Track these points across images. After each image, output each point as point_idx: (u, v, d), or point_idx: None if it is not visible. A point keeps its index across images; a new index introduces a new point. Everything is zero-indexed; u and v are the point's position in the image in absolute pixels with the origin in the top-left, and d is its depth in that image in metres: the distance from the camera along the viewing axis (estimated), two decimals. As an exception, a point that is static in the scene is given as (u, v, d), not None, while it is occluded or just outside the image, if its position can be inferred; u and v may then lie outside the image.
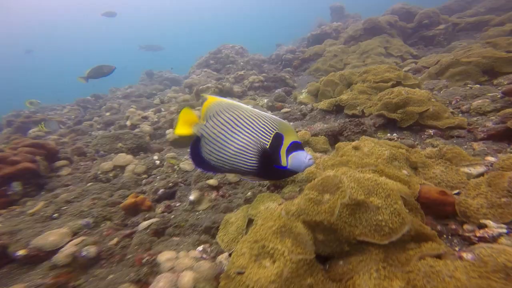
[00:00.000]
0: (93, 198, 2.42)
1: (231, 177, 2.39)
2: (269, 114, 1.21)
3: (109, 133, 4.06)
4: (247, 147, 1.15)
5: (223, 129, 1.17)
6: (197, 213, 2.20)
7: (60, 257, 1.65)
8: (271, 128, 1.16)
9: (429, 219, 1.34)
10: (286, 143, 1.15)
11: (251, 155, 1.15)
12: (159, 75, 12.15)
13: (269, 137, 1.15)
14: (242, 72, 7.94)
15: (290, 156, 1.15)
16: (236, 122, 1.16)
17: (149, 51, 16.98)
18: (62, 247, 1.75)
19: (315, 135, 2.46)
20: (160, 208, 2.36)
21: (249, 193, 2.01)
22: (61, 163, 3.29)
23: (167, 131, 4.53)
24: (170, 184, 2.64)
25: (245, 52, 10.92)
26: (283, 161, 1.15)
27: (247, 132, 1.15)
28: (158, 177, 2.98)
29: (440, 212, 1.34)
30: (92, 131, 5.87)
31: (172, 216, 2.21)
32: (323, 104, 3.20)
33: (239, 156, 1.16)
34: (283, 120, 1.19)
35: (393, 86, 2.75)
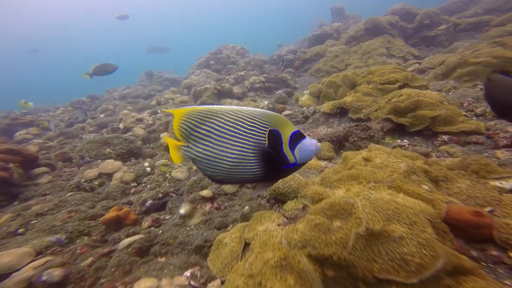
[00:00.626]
0: (69, 210, 2.18)
1: (227, 187, 2.16)
2: (253, 108, 1.06)
3: (96, 137, 3.83)
4: (244, 154, 1.01)
5: (208, 145, 1.03)
6: (188, 228, 1.96)
7: (10, 283, 1.39)
8: (262, 126, 1.02)
9: (459, 243, 1.11)
10: (286, 138, 1.03)
11: (252, 162, 1.02)
12: (159, 75, 11.94)
13: (264, 137, 1.02)
14: (242, 73, 7.75)
15: (296, 150, 1.04)
16: (220, 131, 1.02)
17: (156, 53, 16.92)
18: (18, 269, 1.49)
19: (319, 140, 2.24)
20: (147, 222, 2.12)
21: (246, 207, 1.77)
22: (40, 170, 3.05)
23: (162, 135, 4.31)
24: (160, 194, 2.41)
25: (246, 52, 10.75)
26: (291, 158, 1.04)
27: (237, 139, 1.02)
28: (148, 186, 2.75)
29: (474, 235, 1.11)
30: (83, 134, 5.63)
31: (160, 232, 1.97)
32: (326, 106, 2.99)
33: (238, 167, 1.03)
34: (270, 112, 1.05)
35: (400, 87, 2.54)
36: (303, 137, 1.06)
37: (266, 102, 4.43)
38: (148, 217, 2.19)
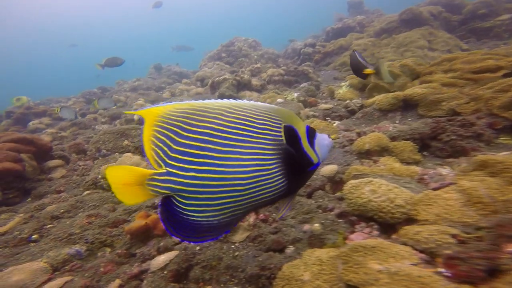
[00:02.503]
0: (89, 214, 1.80)
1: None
2: (254, 102, 0.82)
3: (113, 128, 3.46)
4: (263, 162, 0.75)
5: (205, 162, 0.71)
6: (232, 246, 1.55)
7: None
8: (275, 122, 0.79)
9: None
10: (302, 133, 0.84)
11: (274, 171, 0.76)
12: (168, 69, 11.80)
13: (280, 135, 0.79)
14: (258, 65, 7.32)
15: (316, 146, 0.86)
16: (223, 137, 0.73)
17: (181, 51, 17.43)
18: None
19: (392, 139, 1.79)
20: None
21: (316, 225, 1.35)
22: (54, 163, 2.70)
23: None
24: None
25: (259, 45, 10.48)
26: (314, 157, 0.85)
27: (250, 143, 0.74)
28: None
29: None
30: (95, 125, 5.31)
31: (198, 248, 1.57)
32: (383, 99, 2.52)
33: (257, 183, 0.74)
34: (276, 106, 0.84)
35: (505, 76, 2.05)
36: (315, 131, 0.88)
37: (295, 95, 3.98)
38: None
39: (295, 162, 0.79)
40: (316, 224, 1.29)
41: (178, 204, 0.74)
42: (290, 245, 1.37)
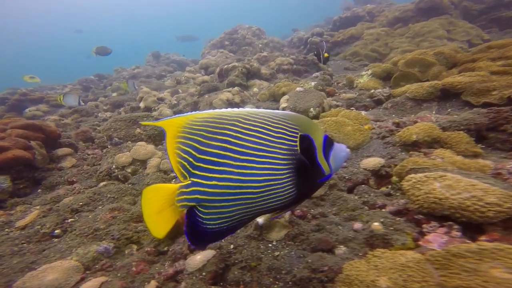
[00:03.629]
0: (112, 208, 1.64)
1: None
2: (271, 110, 0.81)
3: (124, 115, 3.26)
4: (276, 171, 0.76)
5: (225, 170, 0.72)
6: (270, 245, 1.42)
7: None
8: (291, 131, 0.79)
9: None
10: (319, 143, 0.83)
11: (285, 179, 0.77)
12: (166, 57, 11.49)
13: (295, 145, 0.78)
14: (265, 53, 7.06)
15: (331, 157, 0.85)
16: (240, 145, 0.73)
17: (185, 41, 17.39)
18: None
19: (443, 129, 1.64)
20: None
21: (376, 223, 1.20)
22: (64, 151, 2.51)
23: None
24: None
25: (263, 34, 10.18)
26: (326, 168, 0.84)
27: (264, 151, 0.75)
28: None
29: None
30: (98, 112, 5.08)
31: (232, 247, 1.44)
32: (418, 89, 2.36)
33: (269, 190, 0.76)
34: (294, 113, 0.82)
35: None
36: (332, 142, 0.87)
37: (313, 83, 3.78)
38: None
39: (307, 173, 0.79)
40: (376, 223, 1.15)
41: (199, 214, 0.75)
42: (341, 245, 1.23)
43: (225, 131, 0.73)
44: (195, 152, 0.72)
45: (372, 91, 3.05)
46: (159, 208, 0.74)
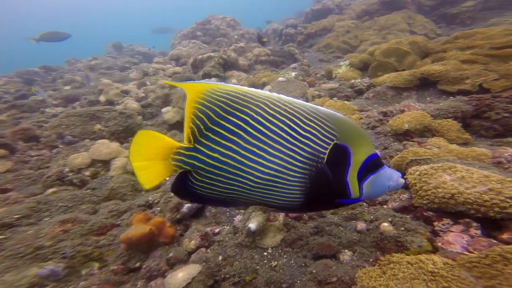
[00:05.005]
0: (62, 220, 1.30)
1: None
2: (313, 105, 0.70)
3: (79, 109, 2.75)
4: (286, 170, 0.68)
5: (232, 148, 0.68)
6: (265, 253, 1.25)
7: None
8: (326, 134, 0.68)
9: None
10: (357, 161, 0.70)
11: (294, 183, 0.69)
12: (130, 48, 10.59)
13: (324, 151, 0.68)
14: (242, 44, 6.79)
15: (367, 182, 0.70)
16: (257, 129, 0.68)
17: (161, 33, 16.27)
18: None
19: (432, 117, 1.61)
20: (193, 239, 1.35)
21: (385, 223, 1.09)
22: (-6, 156, 1.99)
23: (164, 110, 3.33)
24: None
25: (238, 25, 9.91)
26: (354, 192, 0.71)
27: (281, 144, 0.67)
28: (170, 180, 1.92)
29: None
30: (45, 107, 4.31)
31: (220, 258, 1.23)
32: (397, 77, 2.36)
33: (270, 187, 0.69)
34: (342, 115, 0.69)
35: None
36: (382, 165, 0.72)
37: (293, 74, 3.66)
38: (193, 232, 1.41)
39: (326, 185, 0.69)
40: (386, 224, 1.04)
41: (191, 179, 0.73)
42: (346, 250, 1.10)
43: (246, 110, 0.68)
44: (208, 121, 0.69)
45: (353, 81, 3.02)
46: (150, 156, 0.71)
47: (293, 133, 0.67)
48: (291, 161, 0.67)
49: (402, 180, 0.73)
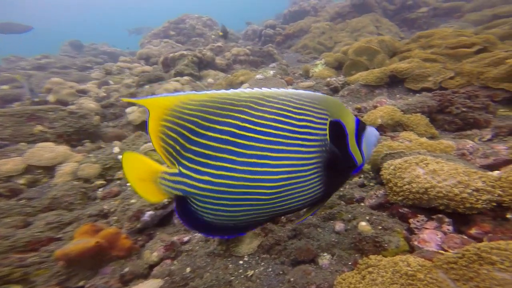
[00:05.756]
0: None
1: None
2: (296, 90, 0.68)
3: (12, 108, 2.38)
4: (297, 168, 0.64)
5: (224, 166, 0.60)
6: (240, 262, 1.13)
7: None
8: (319, 116, 0.66)
9: None
10: (351, 130, 0.71)
11: (311, 176, 0.65)
12: (92, 47, 9.88)
13: (324, 134, 0.67)
14: (220, 44, 6.63)
15: (364, 144, 0.74)
16: (249, 137, 0.61)
17: (138, 34, 15.06)
18: None
19: (403, 112, 1.63)
20: (155, 250, 1.19)
21: (363, 223, 1.02)
22: None
23: (128, 110, 3.05)
24: (166, 199, 1.45)
25: (215, 25, 9.80)
26: (359, 158, 0.73)
27: (284, 144, 0.62)
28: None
29: None
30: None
31: (188, 270, 1.09)
32: (369, 75, 2.40)
33: (287, 191, 0.64)
34: (321, 94, 0.70)
35: (478, 52, 2.12)
36: (364, 125, 0.77)
37: (272, 72, 3.60)
38: (156, 242, 1.23)
39: (338, 166, 0.68)
40: (363, 223, 0.97)
41: (192, 204, 0.66)
42: (325, 253, 1.02)
43: (228, 119, 0.60)
44: (185, 141, 0.61)
45: (328, 79, 3.04)
46: (141, 177, 0.65)
47: (289, 127, 0.63)
48: (299, 155, 0.63)
49: (377, 131, 0.78)
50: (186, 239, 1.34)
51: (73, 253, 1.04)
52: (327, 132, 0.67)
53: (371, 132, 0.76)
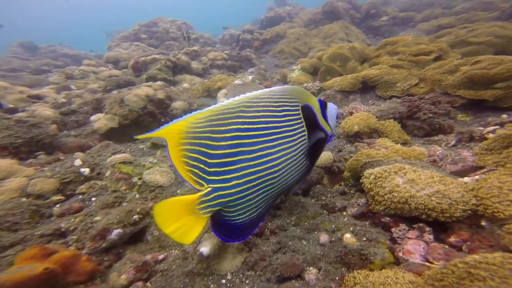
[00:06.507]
0: None
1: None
2: (268, 88, 0.85)
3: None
4: (290, 149, 0.79)
5: (241, 167, 0.71)
6: (223, 281, 1.05)
7: None
8: (293, 105, 0.83)
9: None
10: (317, 109, 0.90)
11: (300, 154, 0.82)
12: (50, 49, 9.11)
13: (299, 118, 0.83)
14: (196, 48, 6.44)
15: (328, 118, 0.94)
16: (250, 135, 0.73)
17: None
18: None
19: (377, 118, 1.68)
20: (124, 272, 1.05)
21: (347, 234, 1.00)
22: None
23: (94, 117, 2.78)
24: (136, 216, 1.32)
25: (190, 29, 9.57)
26: (328, 129, 0.93)
27: (275, 134, 0.77)
28: (97, 201, 1.56)
29: None
30: None
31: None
32: (344, 81, 2.47)
33: (288, 170, 0.79)
34: (289, 86, 0.94)
35: (436, 59, 2.29)
36: (326, 102, 0.96)
37: (250, 77, 3.57)
38: (125, 263, 1.09)
39: (317, 141, 0.85)
40: (348, 235, 0.95)
41: (225, 214, 0.75)
42: (311, 267, 0.99)
43: (232, 126, 0.71)
44: (205, 157, 0.69)
45: (305, 84, 3.08)
46: (177, 218, 0.68)
47: (275, 119, 0.76)
48: (289, 139, 0.77)
49: (336, 106, 0.99)
50: (161, 257, 1.21)
51: (8, 282, 0.86)
52: (301, 115, 0.82)
53: (331, 107, 0.95)
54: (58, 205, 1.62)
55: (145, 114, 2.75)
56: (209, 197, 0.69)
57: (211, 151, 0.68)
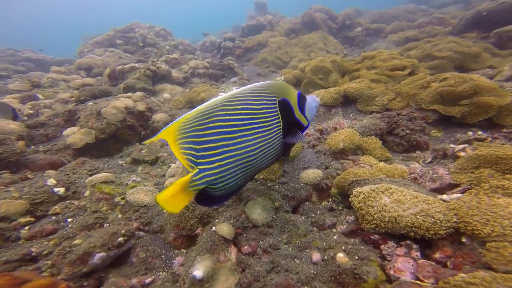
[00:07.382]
0: None
1: (256, 216, 1.31)
2: (252, 85, 1.00)
3: None
4: (265, 137, 0.96)
5: (224, 151, 0.91)
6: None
7: None
8: (271, 99, 0.98)
9: None
10: (294, 102, 1.04)
11: (274, 140, 0.99)
12: (8, 53, 8.32)
13: (276, 110, 0.98)
14: (176, 55, 6.31)
15: (306, 110, 1.08)
16: (231, 126, 0.92)
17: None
18: None
19: (360, 135, 1.76)
20: None
21: (340, 254, 1.02)
22: None
23: (67, 132, 2.58)
24: (121, 238, 1.24)
25: (169, 35, 9.37)
26: (304, 121, 1.08)
27: (252, 124, 0.93)
28: (74, 222, 1.45)
29: None
30: None
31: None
32: (326, 95, 2.57)
33: (263, 153, 0.97)
34: (271, 82, 1.03)
35: (410, 74, 2.46)
36: (305, 96, 1.09)
37: (234, 88, 3.57)
38: None
39: (290, 131, 1.02)
40: (341, 254, 0.98)
41: (209, 190, 0.94)
42: (305, 287, 0.99)
43: (215, 118, 0.89)
44: (195, 145, 0.89)
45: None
46: (175, 192, 0.88)
47: (253, 111, 0.92)
48: (265, 129, 0.93)
49: (318, 98, 1.17)
50: (148, 280, 1.15)
51: None
52: (278, 108, 0.96)
53: (311, 101, 1.09)
54: (26, 227, 1.47)
55: (124, 127, 2.62)
56: (197, 177, 0.89)
57: (199, 140, 0.87)
